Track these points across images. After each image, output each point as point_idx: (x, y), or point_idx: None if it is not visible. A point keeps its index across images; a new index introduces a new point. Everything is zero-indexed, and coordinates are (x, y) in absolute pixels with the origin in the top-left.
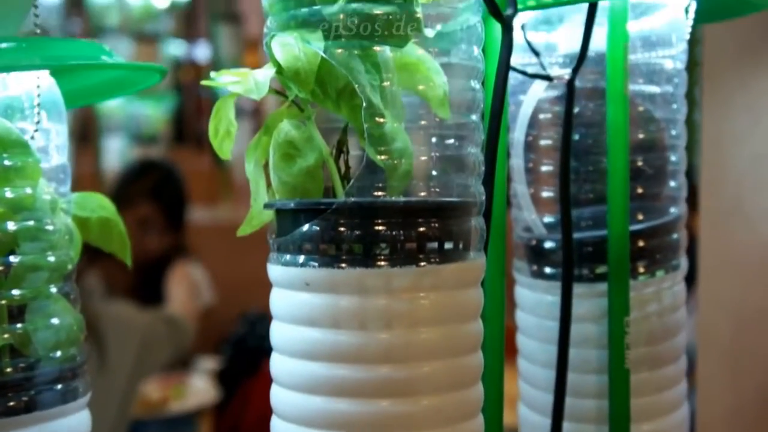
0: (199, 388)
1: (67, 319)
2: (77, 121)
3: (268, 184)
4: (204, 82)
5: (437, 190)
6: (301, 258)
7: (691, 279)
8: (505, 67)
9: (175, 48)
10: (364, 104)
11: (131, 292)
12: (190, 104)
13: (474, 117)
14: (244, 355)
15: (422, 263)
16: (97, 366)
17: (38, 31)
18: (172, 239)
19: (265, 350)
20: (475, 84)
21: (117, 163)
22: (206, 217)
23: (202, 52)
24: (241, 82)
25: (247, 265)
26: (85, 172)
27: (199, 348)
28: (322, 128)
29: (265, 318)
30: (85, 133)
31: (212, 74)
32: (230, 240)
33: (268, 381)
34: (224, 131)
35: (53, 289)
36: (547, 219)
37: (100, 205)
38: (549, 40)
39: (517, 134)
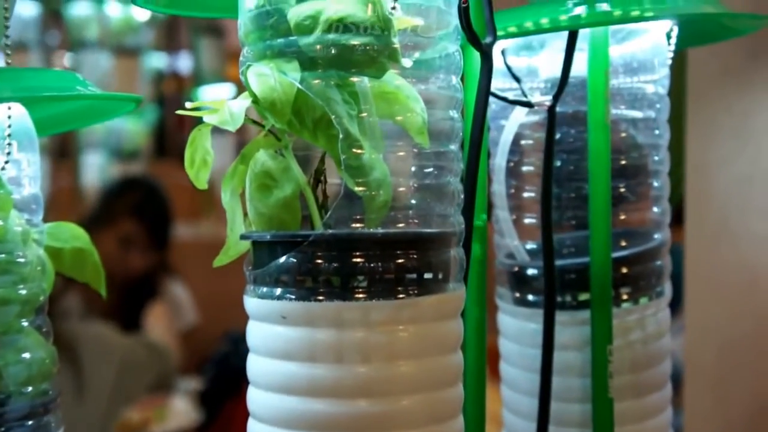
0: (181, 409)
1: (39, 353)
2: (55, 136)
3: (245, 213)
4: (180, 112)
5: (416, 220)
6: (278, 291)
7: (677, 297)
8: (484, 95)
9: (157, 60)
10: (341, 135)
11: (112, 313)
12: (172, 117)
13: (453, 146)
14: (228, 375)
15: (401, 295)
16: (74, 389)
17: (9, 61)
18: (155, 258)
19: None
20: (454, 113)
21: (96, 180)
22: (189, 233)
23: (184, 63)
24: (216, 113)
25: (231, 283)
26: (63, 189)
27: (180, 368)
28: (300, 156)
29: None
30: (64, 149)
31: (188, 104)
32: (213, 256)
33: None
34: (200, 160)
35: (24, 323)
36: (530, 245)
37: (73, 235)
38: (530, 64)
39: (499, 160)
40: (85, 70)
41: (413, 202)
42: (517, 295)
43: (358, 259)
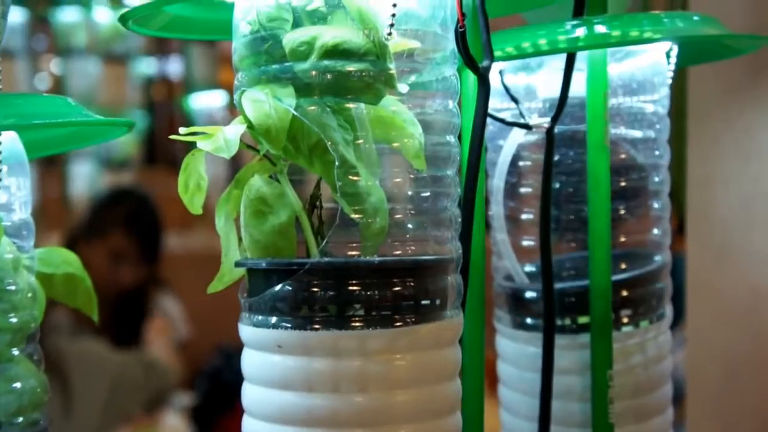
0: (173, 426)
1: (30, 382)
2: None
3: (240, 239)
4: (173, 137)
5: (413, 246)
6: (274, 319)
7: (678, 309)
8: (481, 119)
9: (146, 66)
10: (337, 162)
11: (102, 329)
12: (163, 123)
13: (450, 171)
14: (220, 390)
15: (398, 324)
16: (62, 410)
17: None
18: (146, 271)
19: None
20: (451, 138)
21: (85, 190)
22: (180, 244)
23: (174, 68)
24: (210, 139)
25: (223, 296)
26: (51, 199)
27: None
28: (295, 180)
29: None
30: (51, 157)
31: (182, 129)
32: (205, 268)
33: None
34: (194, 185)
35: (15, 352)
36: (529, 268)
37: (64, 260)
38: (528, 84)
39: (497, 181)
40: (73, 76)
41: (410, 227)
42: (516, 318)
43: (355, 288)
